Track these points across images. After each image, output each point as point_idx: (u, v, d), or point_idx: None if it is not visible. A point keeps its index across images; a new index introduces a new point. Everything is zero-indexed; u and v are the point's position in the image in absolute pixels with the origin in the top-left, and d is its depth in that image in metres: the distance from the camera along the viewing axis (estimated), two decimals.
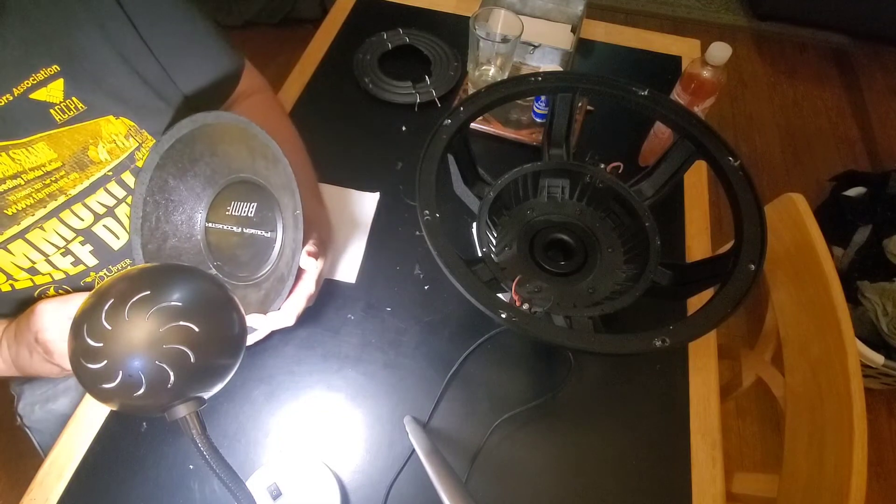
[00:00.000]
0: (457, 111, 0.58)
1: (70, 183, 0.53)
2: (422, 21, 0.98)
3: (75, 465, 0.57)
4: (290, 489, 0.52)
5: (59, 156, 0.52)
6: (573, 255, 0.59)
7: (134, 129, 0.56)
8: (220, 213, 0.62)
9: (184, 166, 0.60)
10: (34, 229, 0.52)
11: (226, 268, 0.61)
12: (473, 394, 0.62)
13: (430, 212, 0.51)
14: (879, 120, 1.98)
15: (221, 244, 0.62)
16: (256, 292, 0.59)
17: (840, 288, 0.62)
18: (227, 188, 0.62)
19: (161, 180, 0.59)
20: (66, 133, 0.52)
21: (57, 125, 0.51)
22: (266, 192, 0.59)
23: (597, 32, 0.99)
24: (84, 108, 0.52)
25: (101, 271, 0.59)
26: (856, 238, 1.48)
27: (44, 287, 0.57)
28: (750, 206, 0.52)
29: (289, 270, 0.54)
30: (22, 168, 0.50)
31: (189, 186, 0.61)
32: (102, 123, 0.54)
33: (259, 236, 0.60)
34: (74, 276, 0.58)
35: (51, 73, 0.50)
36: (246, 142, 0.57)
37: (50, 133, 0.51)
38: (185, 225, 0.62)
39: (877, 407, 1.40)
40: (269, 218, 0.59)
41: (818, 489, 0.58)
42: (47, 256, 0.54)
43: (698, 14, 2.32)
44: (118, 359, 0.33)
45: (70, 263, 0.57)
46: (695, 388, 0.63)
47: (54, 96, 0.50)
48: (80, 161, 0.53)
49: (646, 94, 0.60)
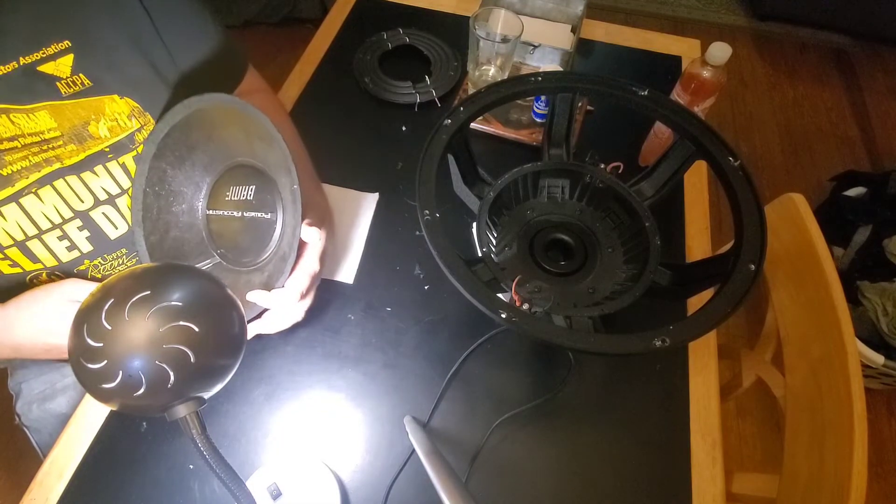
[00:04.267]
0: (457, 111, 0.58)
1: (67, 153, 0.54)
2: (422, 21, 0.98)
3: (75, 465, 0.57)
4: (290, 489, 0.52)
5: (59, 125, 0.53)
6: (573, 255, 0.59)
7: (137, 110, 0.57)
8: (220, 200, 0.62)
9: (181, 155, 0.59)
10: (28, 194, 0.53)
11: (229, 255, 0.61)
12: (473, 394, 0.62)
13: (430, 212, 0.51)
14: (879, 120, 1.98)
15: (223, 231, 0.62)
16: (260, 275, 0.59)
17: (840, 288, 0.62)
18: (226, 173, 0.61)
19: (159, 171, 0.59)
20: (69, 106, 0.53)
21: (62, 97, 0.53)
22: (264, 174, 0.59)
23: (597, 32, 0.99)
24: (90, 84, 0.54)
25: (95, 259, 0.59)
26: (856, 238, 1.48)
27: (35, 273, 0.57)
28: (750, 206, 0.52)
29: (290, 248, 0.54)
30: (20, 132, 0.51)
31: (188, 175, 0.61)
32: (106, 101, 0.55)
33: (260, 219, 0.60)
34: (68, 264, 0.58)
35: (62, 49, 0.52)
36: (241, 123, 0.57)
37: (53, 103, 0.52)
38: (187, 215, 0.62)
39: (877, 407, 1.40)
40: (268, 200, 0.59)
41: (818, 489, 0.58)
42: (41, 233, 0.55)
43: (698, 14, 2.32)
44: (118, 359, 0.33)
45: (65, 248, 0.57)
46: (695, 388, 0.63)
47: (62, 71, 0.52)
48: (80, 134, 0.54)
49: (646, 94, 0.60)
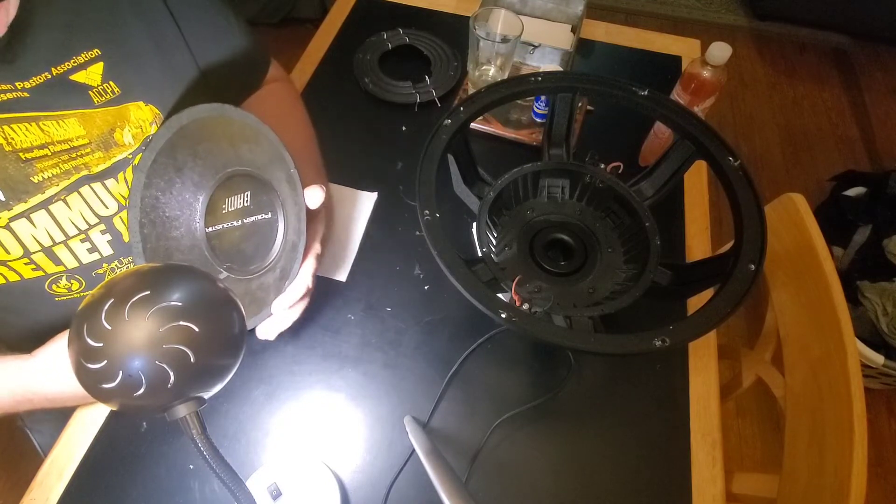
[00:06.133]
0: (457, 111, 0.58)
1: (94, 161, 0.55)
2: (422, 21, 0.98)
3: (75, 465, 0.57)
4: (290, 489, 0.52)
5: (88, 133, 0.54)
6: (573, 255, 0.59)
7: (159, 117, 0.58)
8: (217, 215, 0.62)
9: (170, 178, 0.59)
10: (57, 201, 0.53)
11: (235, 266, 0.61)
12: (473, 394, 0.62)
13: (430, 212, 0.51)
14: (879, 120, 1.98)
15: (225, 244, 0.62)
16: (273, 274, 0.58)
17: (840, 288, 0.62)
18: (218, 188, 0.61)
19: (151, 199, 0.58)
20: (98, 114, 0.54)
21: (94, 106, 0.53)
22: (256, 177, 0.59)
23: (597, 32, 0.99)
24: (120, 91, 0.55)
25: (112, 262, 0.60)
26: (856, 238, 1.48)
27: (55, 276, 0.57)
28: (750, 206, 0.52)
29: (298, 235, 0.54)
30: (50, 139, 0.52)
31: (180, 198, 0.60)
32: (132, 108, 0.56)
33: (261, 221, 0.59)
34: (87, 266, 0.58)
35: (91, 57, 0.52)
36: (224, 130, 0.57)
37: (84, 112, 0.53)
38: (186, 237, 0.61)
39: (877, 407, 1.40)
40: (265, 200, 0.59)
41: (818, 489, 0.58)
42: (68, 238, 0.55)
43: (698, 14, 2.32)
44: (118, 359, 0.33)
45: (86, 250, 0.58)
46: (695, 388, 0.63)
47: (93, 79, 0.53)
48: (106, 141, 0.55)
49: (646, 94, 0.60)
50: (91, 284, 0.60)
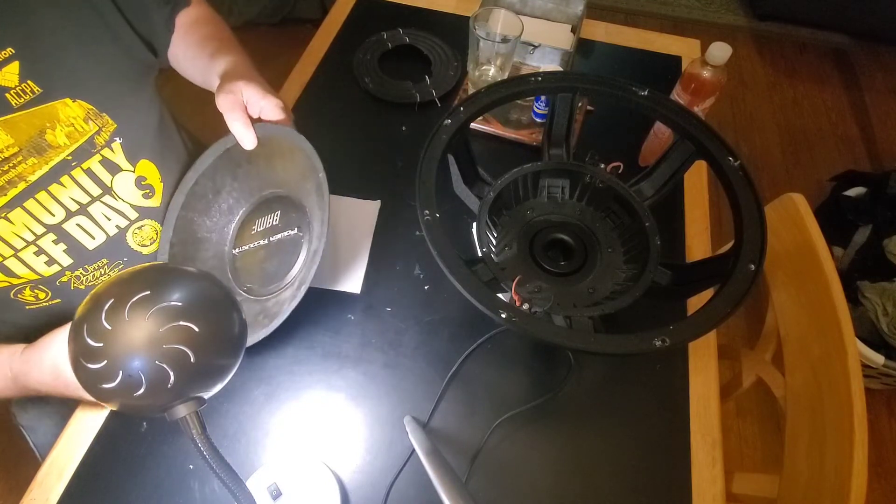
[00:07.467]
0: (457, 111, 0.58)
1: (29, 168, 0.52)
2: (422, 21, 0.98)
3: (75, 465, 0.57)
4: (290, 489, 0.52)
5: (16, 141, 0.50)
6: (573, 255, 0.59)
7: (93, 112, 0.55)
8: (245, 236, 0.62)
9: (208, 201, 0.59)
10: None
11: (255, 287, 0.61)
12: (473, 394, 0.62)
13: (430, 212, 0.51)
14: (879, 120, 1.98)
15: (248, 263, 0.62)
16: (290, 290, 0.59)
17: (840, 288, 0.62)
18: (251, 212, 0.61)
19: (186, 220, 0.58)
20: (22, 118, 0.50)
21: (13, 109, 0.50)
22: (287, 196, 0.59)
23: (597, 32, 0.99)
24: (40, 91, 0.51)
25: (76, 270, 0.58)
26: (856, 238, 1.48)
27: (19, 287, 0.56)
28: (750, 206, 0.52)
29: (319, 240, 0.54)
30: None
31: (214, 221, 0.61)
32: (59, 107, 0.52)
33: (286, 238, 0.59)
34: (49, 278, 0.57)
35: (5, 57, 0.48)
36: (262, 148, 0.57)
37: (6, 118, 0.49)
38: (213, 259, 0.61)
39: (877, 407, 1.40)
40: (293, 218, 0.59)
41: (818, 489, 0.58)
42: (16, 251, 0.53)
43: (698, 14, 2.32)
44: (118, 359, 0.33)
45: (44, 263, 0.56)
46: (695, 388, 0.62)
47: (9, 80, 0.49)
48: (38, 146, 0.52)
49: (646, 94, 0.60)
50: (57, 294, 0.59)
